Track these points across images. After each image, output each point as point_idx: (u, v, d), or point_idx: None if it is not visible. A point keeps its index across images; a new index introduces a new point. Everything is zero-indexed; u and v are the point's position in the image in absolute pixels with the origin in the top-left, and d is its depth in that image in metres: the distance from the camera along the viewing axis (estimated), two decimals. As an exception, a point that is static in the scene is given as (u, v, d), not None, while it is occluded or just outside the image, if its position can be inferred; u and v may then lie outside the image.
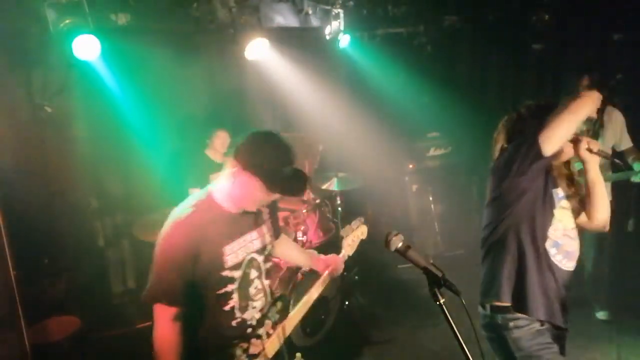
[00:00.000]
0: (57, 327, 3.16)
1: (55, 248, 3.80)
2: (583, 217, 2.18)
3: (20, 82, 3.63)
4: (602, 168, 3.56)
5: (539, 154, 1.91)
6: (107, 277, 4.26)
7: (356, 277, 4.50)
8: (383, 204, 5.49)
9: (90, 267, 4.08)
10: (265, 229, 2.01)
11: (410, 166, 5.10)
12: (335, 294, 3.77)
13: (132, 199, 4.38)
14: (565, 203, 2.11)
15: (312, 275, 3.59)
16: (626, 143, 3.59)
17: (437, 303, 1.53)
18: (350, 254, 2.47)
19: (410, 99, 5.45)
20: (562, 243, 2.06)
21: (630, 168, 3.45)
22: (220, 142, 4.00)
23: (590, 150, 2.03)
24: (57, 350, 3.04)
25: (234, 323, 1.88)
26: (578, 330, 3.71)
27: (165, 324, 1.78)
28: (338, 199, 4.20)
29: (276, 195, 1.84)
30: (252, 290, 1.94)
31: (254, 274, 1.94)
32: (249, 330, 1.93)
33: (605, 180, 3.60)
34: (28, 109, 3.70)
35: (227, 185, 1.81)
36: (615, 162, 2.35)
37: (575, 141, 2.05)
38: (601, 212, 2.12)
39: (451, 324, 1.49)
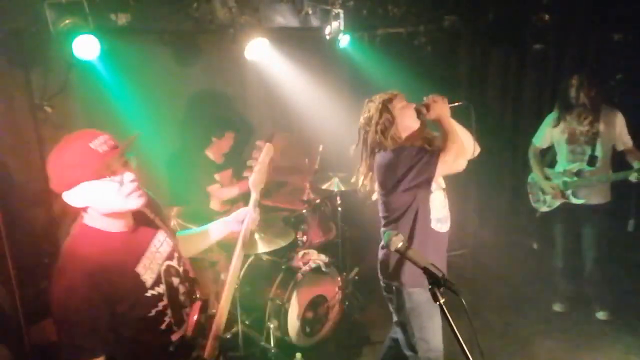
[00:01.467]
0: (57, 327, 3.16)
1: (55, 248, 3.79)
2: (455, 163, 2.42)
3: (20, 82, 3.63)
4: (603, 169, 3.59)
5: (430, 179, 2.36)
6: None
7: (356, 277, 4.50)
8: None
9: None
10: (162, 232, 1.82)
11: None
12: (335, 294, 3.77)
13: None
14: (434, 185, 2.44)
15: (315, 274, 3.60)
16: (626, 143, 3.58)
17: (437, 303, 1.53)
18: (261, 186, 2.01)
19: (410, 99, 5.44)
20: (443, 216, 2.51)
21: (630, 167, 3.45)
22: (227, 143, 4.05)
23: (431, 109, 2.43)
24: (57, 350, 3.03)
25: (172, 339, 1.72)
26: (578, 330, 3.73)
27: None
28: (338, 199, 4.20)
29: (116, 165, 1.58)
30: (181, 298, 1.79)
31: (176, 280, 1.78)
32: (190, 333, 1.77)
33: (605, 180, 3.62)
34: (28, 109, 3.70)
35: (84, 210, 1.62)
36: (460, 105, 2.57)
37: (418, 115, 2.47)
38: (453, 140, 2.38)
39: (451, 324, 1.49)
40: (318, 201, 4.13)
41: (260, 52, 4.18)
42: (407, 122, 2.49)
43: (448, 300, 1.55)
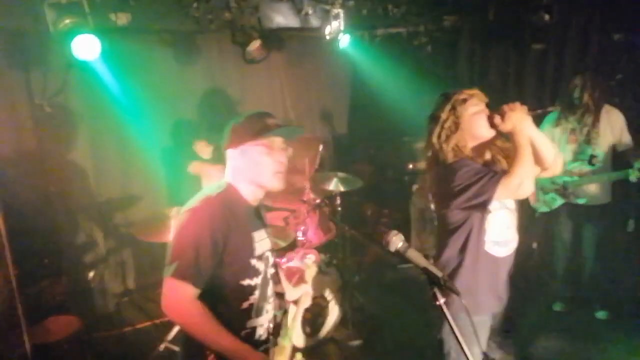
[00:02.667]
0: (57, 327, 3.16)
1: (55, 248, 3.80)
2: (520, 189, 2.15)
3: (20, 82, 3.64)
4: (603, 168, 3.59)
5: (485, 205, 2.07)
6: (107, 277, 4.25)
7: (356, 277, 4.50)
8: (383, 204, 5.49)
9: (90, 267, 4.09)
10: (269, 229, 1.94)
11: (410, 166, 5.10)
12: (335, 294, 3.77)
13: (132, 199, 4.38)
14: (496, 204, 2.15)
15: (315, 274, 3.60)
16: (627, 143, 3.58)
17: (437, 303, 1.53)
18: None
19: (410, 99, 5.45)
20: (502, 239, 2.22)
21: (631, 166, 3.45)
22: (203, 150, 3.96)
23: (509, 118, 2.09)
24: (57, 350, 3.04)
25: (247, 325, 1.77)
26: (578, 330, 3.72)
27: (187, 303, 1.61)
28: (338, 199, 4.20)
29: (278, 142, 1.79)
30: (269, 292, 1.84)
31: (269, 272, 1.85)
32: (260, 338, 1.82)
33: (605, 179, 3.62)
34: (28, 109, 3.70)
35: (236, 169, 1.78)
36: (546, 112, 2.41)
37: (491, 125, 2.13)
38: (548, 152, 2.17)
39: (451, 324, 1.49)
40: (318, 201, 4.13)
41: (259, 51, 4.19)
42: (476, 131, 2.16)
43: (448, 301, 1.55)
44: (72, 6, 2.98)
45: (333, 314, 3.79)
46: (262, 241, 1.81)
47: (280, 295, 1.97)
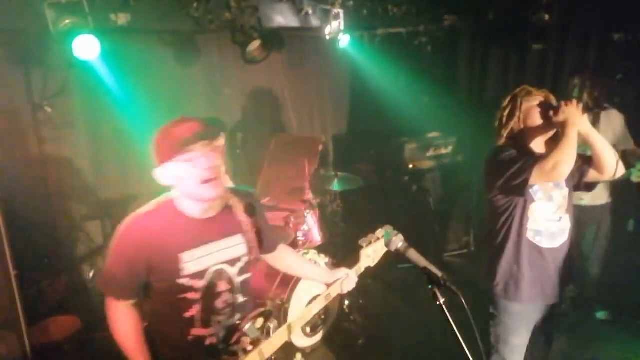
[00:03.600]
0: (57, 327, 3.16)
1: (55, 248, 3.80)
2: (594, 174, 2.32)
3: (20, 82, 3.64)
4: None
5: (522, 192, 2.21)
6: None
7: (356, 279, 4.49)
8: (383, 204, 5.49)
9: (90, 267, 4.08)
10: (242, 239, 1.84)
11: (410, 166, 5.10)
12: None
13: (132, 199, 4.38)
14: (540, 194, 2.27)
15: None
16: (627, 143, 3.57)
17: (437, 303, 1.53)
18: (371, 264, 2.30)
19: (410, 99, 5.45)
20: (545, 229, 2.30)
21: (632, 166, 3.44)
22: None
23: (567, 111, 2.16)
24: (57, 350, 3.04)
25: (192, 333, 1.78)
26: (578, 330, 3.72)
27: (116, 317, 1.80)
28: (338, 199, 4.20)
29: (198, 148, 1.64)
30: (218, 304, 1.80)
31: (222, 286, 1.80)
32: (214, 346, 1.81)
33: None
34: (28, 109, 3.70)
35: (171, 186, 1.74)
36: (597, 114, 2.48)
37: (550, 117, 2.22)
38: (607, 158, 2.24)
39: (451, 324, 1.49)
40: (318, 201, 4.13)
41: (259, 52, 4.19)
42: (531, 120, 2.28)
43: (448, 300, 1.55)
44: (72, 6, 2.99)
45: (333, 314, 3.79)
46: (207, 257, 1.75)
47: (241, 306, 1.89)
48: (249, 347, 1.77)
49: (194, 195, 1.70)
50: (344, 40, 4.67)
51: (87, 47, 3.12)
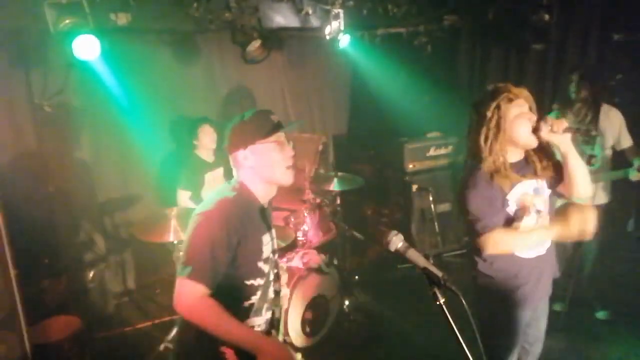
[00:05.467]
0: (57, 327, 3.16)
1: (55, 248, 3.80)
2: (562, 189, 2.20)
3: (20, 82, 3.64)
4: (602, 168, 3.59)
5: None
6: (107, 277, 4.26)
7: (356, 277, 4.50)
8: (383, 204, 5.49)
9: (90, 267, 4.08)
10: (274, 232, 1.93)
11: (410, 166, 5.10)
12: (335, 294, 3.77)
13: (132, 199, 4.38)
14: (520, 213, 2.13)
15: (315, 274, 3.61)
16: (626, 142, 3.57)
17: (437, 303, 1.52)
18: None
19: (410, 99, 5.44)
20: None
21: (630, 165, 3.45)
22: (207, 138, 3.89)
23: (555, 133, 2.03)
24: (57, 350, 3.04)
25: (246, 323, 1.79)
26: (578, 330, 3.72)
27: (200, 302, 1.62)
28: (338, 199, 4.20)
29: (283, 137, 1.80)
30: (270, 293, 1.86)
31: (271, 275, 1.87)
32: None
33: (604, 179, 3.62)
34: (28, 109, 3.70)
35: (248, 169, 1.76)
36: (588, 132, 2.34)
37: (535, 130, 2.05)
38: (581, 185, 2.12)
39: (451, 324, 1.49)
40: (318, 201, 4.13)
41: (258, 52, 4.19)
42: (517, 135, 2.07)
43: (448, 300, 1.55)
44: (72, 6, 2.98)
45: (333, 313, 3.79)
46: (269, 244, 1.82)
47: (277, 293, 1.96)
48: (282, 339, 1.89)
49: (275, 179, 1.78)
50: (344, 40, 4.67)
51: (87, 47, 3.12)
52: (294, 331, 3.50)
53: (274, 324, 1.93)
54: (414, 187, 5.08)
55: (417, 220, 5.05)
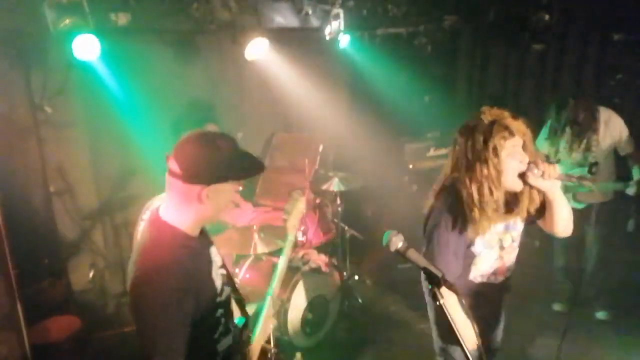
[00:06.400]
0: (57, 327, 3.16)
1: (55, 248, 3.80)
2: (542, 224, 2.12)
3: (20, 82, 3.63)
4: (604, 175, 3.58)
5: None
6: (107, 277, 4.25)
7: (356, 277, 4.50)
8: (383, 204, 5.49)
9: (90, 267, 4.08)
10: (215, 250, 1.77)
11: (410, 166, 5.10)
12: (335, 294, 3.77)
13: (132, 199, 4.38)
14: (481, 247, 2.02)
15: (315, 274, 3.61)
16: (628, 147, 3.54)
17: (437, 303, 1.52)
18: (295, 232, 2.16)
19: (410, 99, 5.44)
20: (485, 272, 2.10)
21: (630, 177, 3.44)
22: None
23: (544, 179, 1.86)
24: (57, 350, 3.04)
25: (219, 349, 1.65)
26: (578, 330, 3.72)
27: None
28: (338, 199, 4.20)
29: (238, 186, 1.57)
30: (231, 308, 1.74)
31: (227, 290, 1.70)
32: (229, 347, 1.70)
33: (604, 189, 3.62)
34: (28, 109, 3.70)
35: (193, 208, 1.50)
36: (583, 181, 2.02)
37: (522, 176, 1.88)
38: (562, 224, 2.03)
39: (451, 324, 1.49)
40: (318, 201, 4.13)
41: (260, 52, 4.18)
42: (504, 177, 1.89)
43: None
44: (72, 6, 2.98)
45: (333, 313, 3.79)
46: (218, 270, 1.66)
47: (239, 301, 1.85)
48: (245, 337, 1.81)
49: (220, 218, 1.68)
50: (344, 40, 4.67)
51: (87, 47, 3.12)
52: (294, 331, 3.50)
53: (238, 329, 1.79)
54: (414, 187, 5.08)
55: (417, 220, 5.05)
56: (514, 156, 1.88)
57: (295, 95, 5.53)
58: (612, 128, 3.54)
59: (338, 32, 4.46)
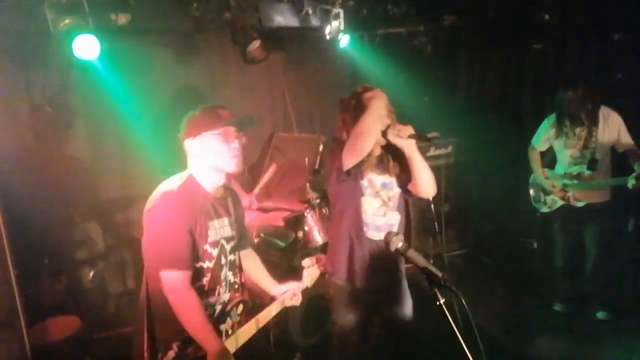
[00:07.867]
0: (57, 327, 3.16)
1: (55, 248, 3.80)
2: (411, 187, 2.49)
3: (20, 82, 3.64)
4: (602, 172, 3.59)
5: (342, 171, 2.38)
6: (107, 277, 4.26)
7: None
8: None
9: (90, 267, 4.09)
10: (233, 221, 2.09)
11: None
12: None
13: (132, 199, 4.38)
14: (369, 191, 2.46)
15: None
16: (626, 144, 3.55)
17: (437, 303, 1.53)
18: (310, 285, 2.52)
19: (410, 99, 5.44)
20: (371, 221, 2.49)
21: (632, 171, 3.43)
22: None
23: (400, 137, 2.33)
24: (57, 350, 3.04)
25: (211, 300, 1.96)
26: (578, 330, 3.72)
27: (187, 290, 1.82)
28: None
29: (232, 131, 1.97)
30: (221, 276, 1.99)
31: (223, 260, 2.00)
32: (209, 316, 1.93)
33: (603, 185, 3.62)
34: (28, 109, 3.70)
35: (196, 158, 1.95)
36: (426, 137, 2.48)
37: (384, 133, 2.37)
38: (422, 182, 2.41)
39: (451, 324, 1.49)
40: (318, 201, 4.13)
41: (259, 52, 4.19)
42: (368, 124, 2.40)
43: (447, 300, 1.55)
44: (72, 6, 2.98)
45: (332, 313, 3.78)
46: (218, 229, 1.98)
47: (241, 286, 2.13)
48: (230, 331, 2.01)
49: (221, 167, 1.95)
50: (344, 40, 4.67)
51: (87, 47, 3.11)
52: (294, 331, 3.50)
53: (230, 311, 2.05)
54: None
55: (417, 220, 5.05)
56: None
57: (295, 95, 5.53)
58: (610, 125, 3.55)
59: (338, 31, 4.46)
